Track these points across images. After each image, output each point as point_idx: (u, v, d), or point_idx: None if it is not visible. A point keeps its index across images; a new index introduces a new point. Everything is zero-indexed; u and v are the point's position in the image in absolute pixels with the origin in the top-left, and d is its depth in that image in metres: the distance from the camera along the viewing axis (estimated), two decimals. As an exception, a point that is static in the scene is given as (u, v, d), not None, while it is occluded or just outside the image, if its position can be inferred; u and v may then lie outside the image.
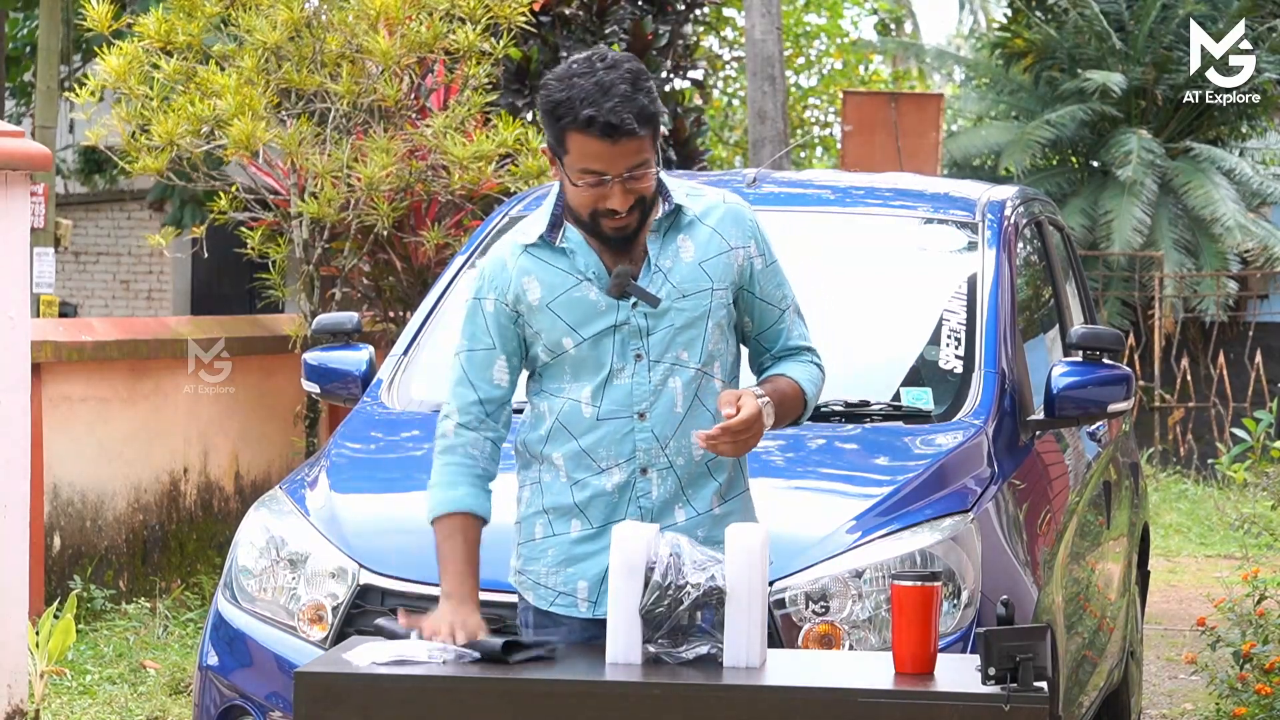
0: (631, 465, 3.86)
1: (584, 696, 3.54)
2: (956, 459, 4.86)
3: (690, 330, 3.86)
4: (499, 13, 9.02)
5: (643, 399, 3.85)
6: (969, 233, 5.70)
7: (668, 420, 3.85)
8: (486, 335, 3.91)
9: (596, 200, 3.78)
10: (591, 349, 3.85)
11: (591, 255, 3.87)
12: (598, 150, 3.73)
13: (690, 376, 3.86)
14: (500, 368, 3.91)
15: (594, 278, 3.86)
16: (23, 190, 6.52)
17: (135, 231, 19.79)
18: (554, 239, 3.89)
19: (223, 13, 9.00)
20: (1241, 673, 6.53)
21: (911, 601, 3.57)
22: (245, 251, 9.24)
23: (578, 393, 3.87)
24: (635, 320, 3.85)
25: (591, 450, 3.86)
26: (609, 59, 3.76)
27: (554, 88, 3.75)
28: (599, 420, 3.86)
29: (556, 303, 3.87)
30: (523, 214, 5.96)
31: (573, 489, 3.88)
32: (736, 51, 24.20)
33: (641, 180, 3.77)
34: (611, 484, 3.86)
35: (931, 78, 24.97)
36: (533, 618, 3.95)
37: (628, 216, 3.79)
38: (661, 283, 3.85)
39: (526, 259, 3.90)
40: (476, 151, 8.78)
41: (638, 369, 3.85)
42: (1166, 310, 16.78)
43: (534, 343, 3.89)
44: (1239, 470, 8.34)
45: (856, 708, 3.48)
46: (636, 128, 3.72)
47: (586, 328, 3.86)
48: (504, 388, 3.92)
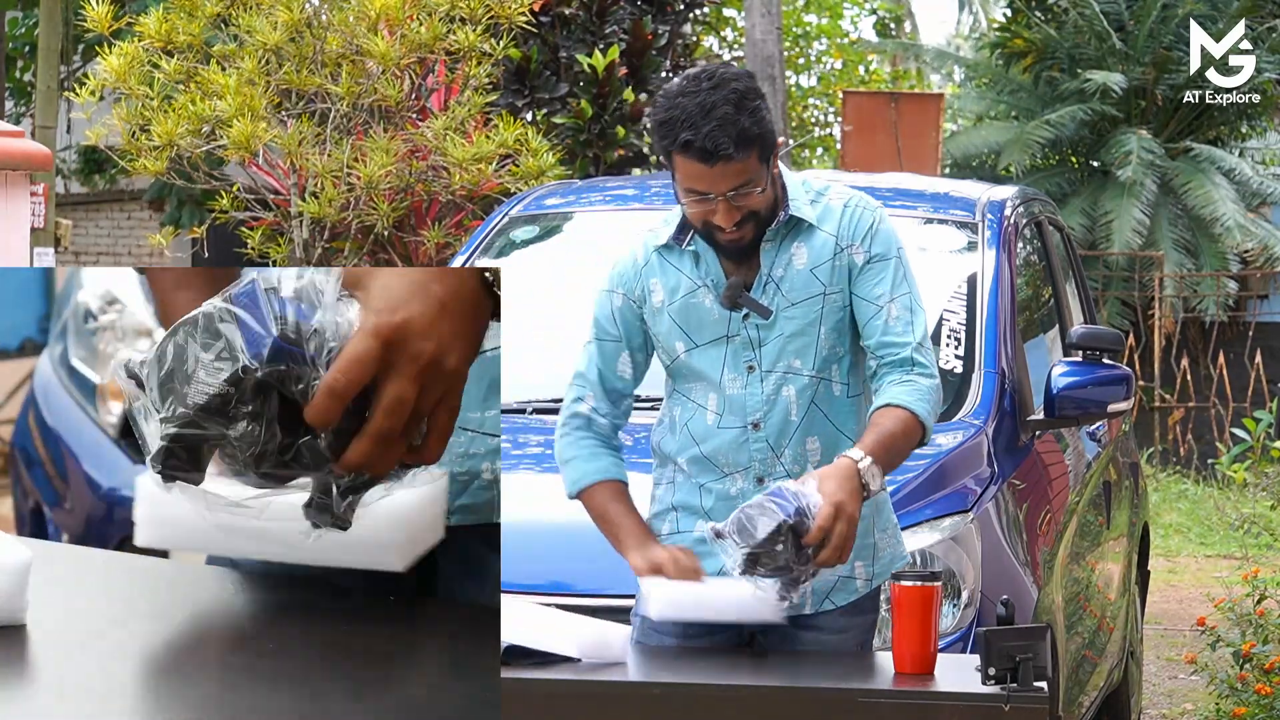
0: (748, 474, 3.87)
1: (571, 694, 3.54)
2: (956, 459, 4.86)
3: (802, 338, 3.85)
4: (499, 13, 9.02)
5: (756, 409, 3.86)
6: (969, 233, 5.71)
7: (783, 430, 3.86)
8: (614, 328, 3.94)
9: (705, 216, 3.79)
10: (702, 357, 3.87)
11: (714, 262, 3.88)
12: (698, 172, 3.73)
13: (804, 384, 3.85)
14: (625, 361, 3.95)
15: (712, 285, 3.87)
16: (23, 190, 6.53)
17: (135, 231, 19.78)
18: (681, 242, 3.90)
19: (223, 13, 9.00)
20: (1241, 673, 6.53)
21: (911, 601, 3.57)
22: (245, 251, 9.24)
23: (703, 399, 3.89)
24: (746, 332, 3.86)
25: (712, 456, 3.88)
26: (717, 77, 3.74)
27: (661, 105, 3.75)
28: (719, 428, 3.87)
29: (674, 307, 3.89)
30: (523, 214, 5.97)
31: (700, 491, 3.90)
32: (736, 51, 24.20)
33: (747, 199, 3.76)
34: (735, 489, 3.87)
35: (931, 78, 24.96)
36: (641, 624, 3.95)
37: (739, 231, 3.79)
38: (773, 293, 3.85)
39: (656, 259, 3.92)
40: (476, 153, 8.79)
41: (750, 380, 3.86)
42: (1166, 310, 16.78)
43: (656, 344, 3.93)
44: (1239, 470, 8.35)
45: (856, 708, 3.48)
46: (734, 152, 3.70)
47: (699, 335, 3.87)
48: (628, 380, 3.96)
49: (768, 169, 3.78)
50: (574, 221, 5.99)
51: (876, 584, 3.93)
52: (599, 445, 3.93)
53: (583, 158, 12.42)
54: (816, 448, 3.86)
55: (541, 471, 4.83)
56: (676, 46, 13.83)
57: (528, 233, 5.94)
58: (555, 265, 5.90)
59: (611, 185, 6.39)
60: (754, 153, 3.74)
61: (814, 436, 3.86)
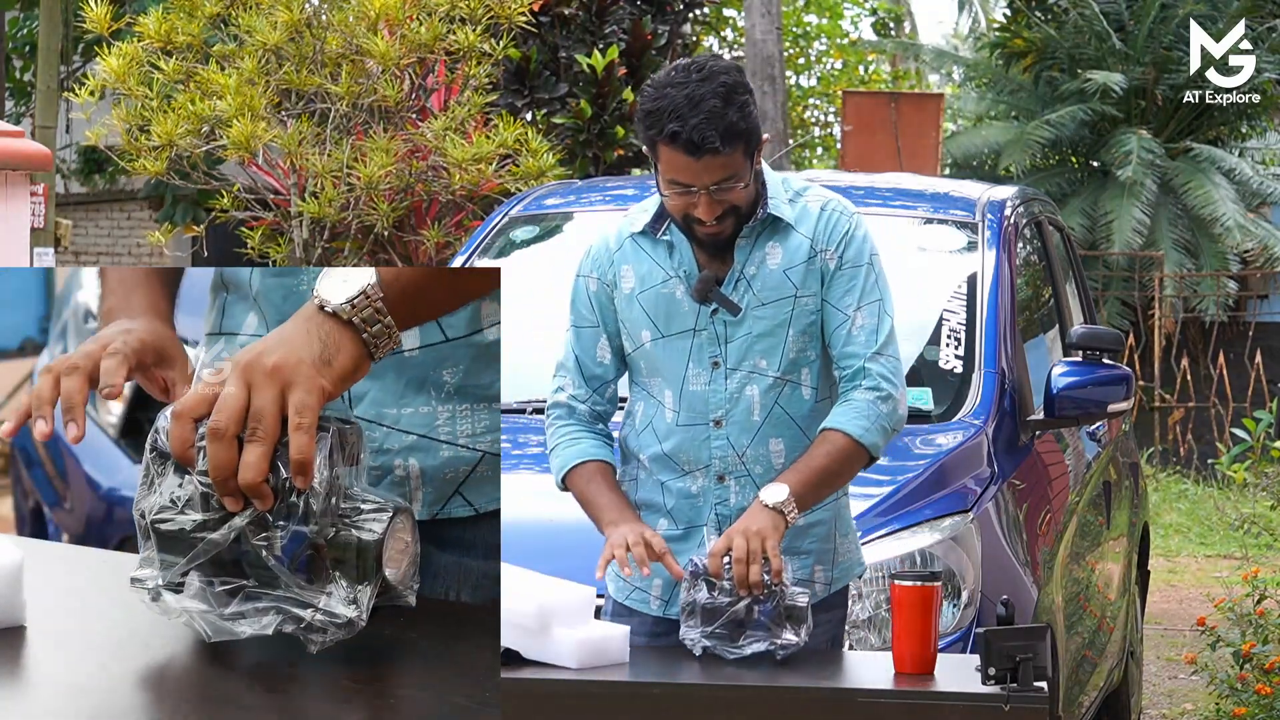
0: (709, 472, 3.86)
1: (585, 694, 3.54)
2: (956, 459, 4.86)
3: (769, 338, 3.83)
4: (499, 13, 9.02)
5: (719, 406, 3.85)
6: (969, 233, 5.70)
7: (744, 428, 3.84)
8: (591, 313, 3.93)
9: (685, 208, 3.78)
10: (668, 347, 3.86)
11: (688, 253, 3.88)
12: (683, 164, 3.72)
13: (769, 385, 3.84)
14: (603, 346, 3.93)
15: (684, 277, 3.86)
16: (23, 190, 6.53)
17: (135, 231, 19.79)
18: (657, 231, 3.90)
19: (223, 13, 9.00)
20: (1241, 673, 6.53)
21: (911, 601, 3.57)
22: (245, 251, 9.25)
23: (661, 395, 3.89)
24: (714, 327, 3.85)
25: (673, 454, 3.88)
26: (706, 69, 3.73)
27: (648, 95, 3.75)
28: (679, 425, 3.87)
29: (645, 295, 3.88)
30: (523, 214, 5.97)
31: (661, 489, 3.90)
32: (736, 51, 24.21)
33: (729, 193, 3.76)
34: (695, 487, 3.87)
35: (930, 78, 24.97)
36: (612, 608, 3.97)
37: (719, 225, 3.79)
38: (744, 291, 3.84)
39: (629, 246, 3.92)
40: (476, 153, 8.79)
41: (714, 376, 3.85)
42: (1166, 310, 16.78)
43: (622, 331, 3.92)
44: (1239, 470, 8.35)
45: (856, 708, 3.48)
46: (720, 145, 3.69)
47: (666, 325, 3.86)
48: (606, 365, 3.94)
49: (751, 164, 3.78)
50: (574, 221, 5.99)
51: (837, 587, 3.93)
52: (579, 430, 3.92)
53: (582, 158, 12.42)
54: (781, 449, 3.85)
55: (540, 471, 4.83)
56: (676, 46, 13.83)
57: (528, 233, 5.94)
58: (555, 265, 5.90)
59: (611, 185, 6.39)
60: (740, 147, 3.73)
61: (778, 439, 3.84)
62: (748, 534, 3.66)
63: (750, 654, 3.65)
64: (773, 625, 3.65)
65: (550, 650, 3.59)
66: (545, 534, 4.42)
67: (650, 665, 3.71)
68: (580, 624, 3.62)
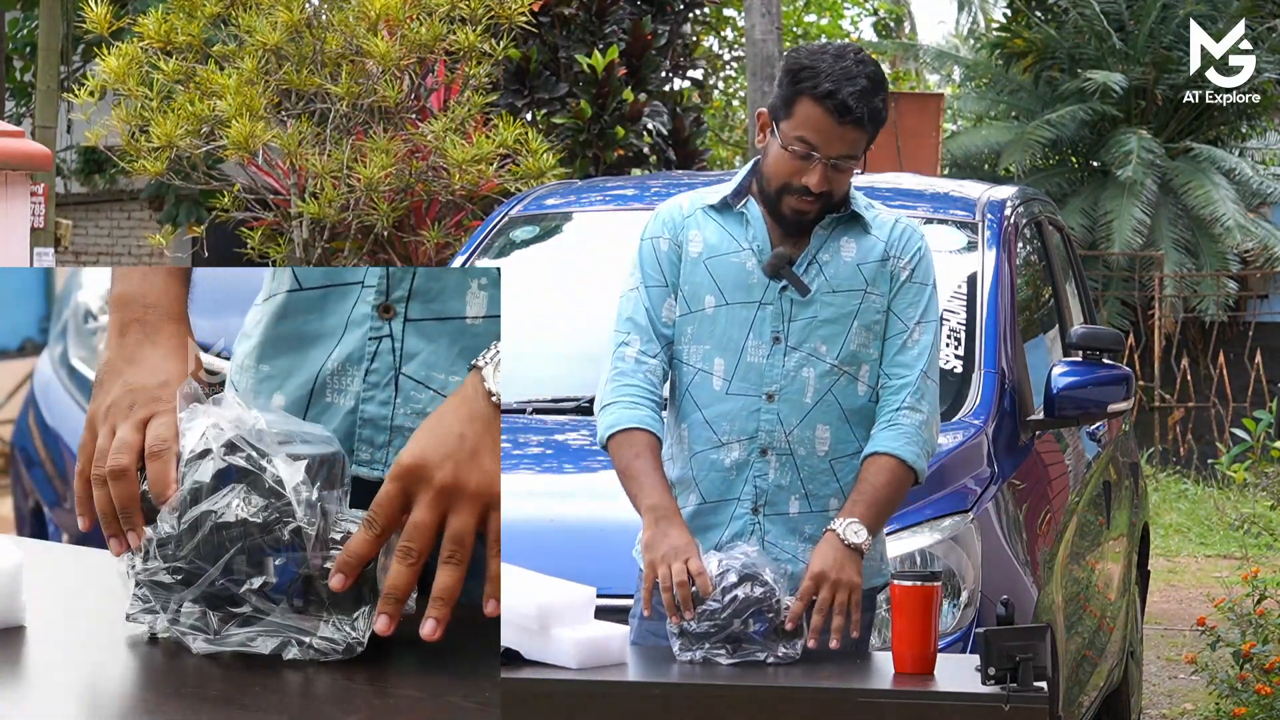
0: (753, 445, 3.86)
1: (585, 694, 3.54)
2: (956, 459, 4.86)
3: (833, 325, 3.87)
4: (499, 13, 9.03)
5: (774, 381, 3.86)
6: (969, 233, 5.70)
7: (796, 408, 3.86)
8: (660, 273, 3.93)
9: (795, 173, 3.82)
10: (730, 315, 3.87)
11: (763, 229, 3.90)
12: (822, 124, 3.78)
13: (825, 370, 3.86)
14: (669, 306, 3.93)
15: (756, 250, 3.89)
16: (23, 190, 6.53)
17: (135, 231, 19.78)
18: (735, 204, 3.93)
19: (223, 13, 9.00)
20: (1241, 673, 6.54)
21: (911, 601, 3.57)
22: (245, 251, 9.25)
23: (710, 365, 3.89)
24: (780, 304, 3.87)
25: (714, 422, 3.87)
26: (862, 55, 3.82)
27: (803, 53, 3.82)
28: (728, 394, 3.87)
29: (713, 261, 3.90)
30: (523, 214, 5.97)
31: (692, 461, 3.89)
32: (736, 51, 24.20)
33: (843, 172, 3.82)
34: (730, 460, 3.86)
35: (930, 78, 24.96)
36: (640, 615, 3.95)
37: (814, 202, 3.83)
38: (815, 274, 3.88)
39: (700, 214, 3.95)
40: (476, 153, 8.79)
41: (774, 350, 3.87)
42: (1166, 310, 16.78)
43: (680, 295, 3.92)
44: (1239, 470, 8.35)
45: (856, 708, 3.48)
46: (864, 119, 3.77)
47: (732, 294, 3.88)
48: (671, 326, 3.93)
49: (865, 158, 3.85)
50: (574, 221, 5.99)
51: (864, 588, 3.92)
52: (641, 395, 3.88)
53: (582, 158, 12.42)
54: (826, 437, 3.87)
55: (540, 471, 4.83)
56: (676, 46, 13.83)
57: (528, 233, 5.94)
58: (555, 265, 5.90)
59: (611, 185, 6.39)
60: (871, 133, 3.82)
61: (825, 425, 3.86)
62: (836, 585, 3.69)
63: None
64: (767, 642, 3.66)
65: (550, 650, 3.59)
66: (545, 534, 4.42)
67: (650, 665, 3.71)
68: (580, 624, 3.62)
